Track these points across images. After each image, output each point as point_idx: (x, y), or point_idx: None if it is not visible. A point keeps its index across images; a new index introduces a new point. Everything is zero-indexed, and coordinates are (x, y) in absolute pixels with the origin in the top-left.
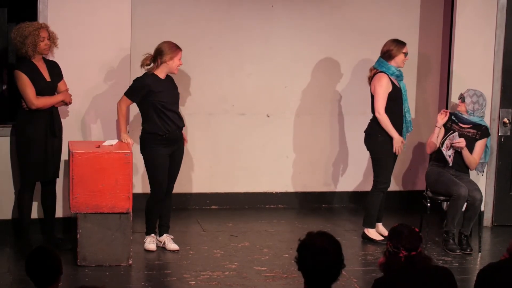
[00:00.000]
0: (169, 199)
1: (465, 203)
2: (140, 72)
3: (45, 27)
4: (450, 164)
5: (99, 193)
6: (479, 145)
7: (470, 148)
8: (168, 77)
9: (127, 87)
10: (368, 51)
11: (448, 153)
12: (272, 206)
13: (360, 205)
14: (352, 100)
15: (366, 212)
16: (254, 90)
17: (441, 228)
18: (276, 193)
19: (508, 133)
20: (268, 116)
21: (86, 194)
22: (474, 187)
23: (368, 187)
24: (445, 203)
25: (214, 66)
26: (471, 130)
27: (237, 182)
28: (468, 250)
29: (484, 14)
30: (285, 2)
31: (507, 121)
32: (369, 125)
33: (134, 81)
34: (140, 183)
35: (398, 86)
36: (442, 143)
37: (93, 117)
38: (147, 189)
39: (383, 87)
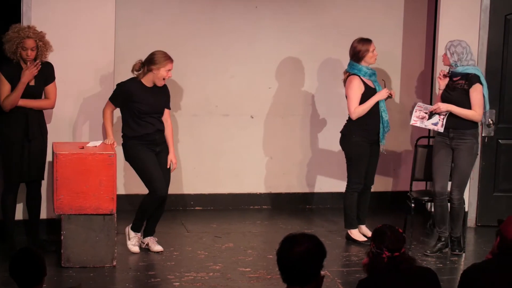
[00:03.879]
0: (160, 205)
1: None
2: (124, 73)
3: (34, 37)
4: (442, 131)
5: (83, 194)
6: (473, 95)
7: (464, 101)
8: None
9: (111, 88)
10: None
11: (432, 122)
12: (256, 207)
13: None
14: (336, 101)
15: (344, 214)
16: (238, 91)
17: (425, 229)
18: (260, 194)
19: (492, 134)
20: (252, 117)
21: (70, 196)
22: (457, 183)
23: None
24: (429, 203)
25: (198, 67)
26: (460, 81)
27: (221, 183)
28: (457, 251)
29: (468, 15)
30: (269, 3)
31: (491, 122)
32: (345, 125)
33: (117, 85)
34: (123, 185)
35: (373, 86)
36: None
37: (77, 118)
38: (131, 191)
39: (354, 89)
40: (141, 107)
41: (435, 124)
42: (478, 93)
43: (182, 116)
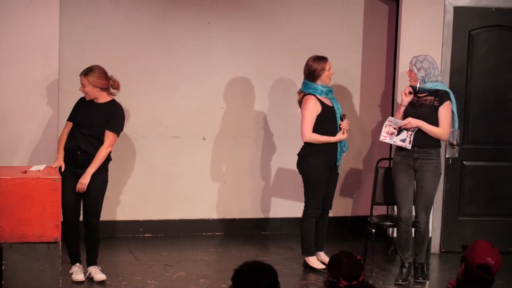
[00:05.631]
0: (90, 234)
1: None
2: (69, 92)
3: None
4: (409, 147)
5: (26, 221)
6: (442, 112)
7: (433, 118)
8: (106, 102)
9: (55, 107)
10: None
11: (400, 138)
12: (208, 233)
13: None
14: (293, 121)
15: (301, 240)
16: (189, 112)
17: (387, 255)
18: (213, 220)
19: (456, 155)
20: (204, 139)
21: (12, 223)
22: (423, 206)
23: None
24: (391, 229)
25: (147, 86)
26: (428, 98)
27: (171, 209)
28: (420, 279)
29: (430, 30)
30: (222, 19)
31: (455, 143)
32: (302, 148)
33: None
34: None
35: (330, 105)
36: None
37: (18, 140)
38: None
39: (309, 109)
40: (76, 117)
41: (403, 141)
42: (448, 111)
43: (131, 138)
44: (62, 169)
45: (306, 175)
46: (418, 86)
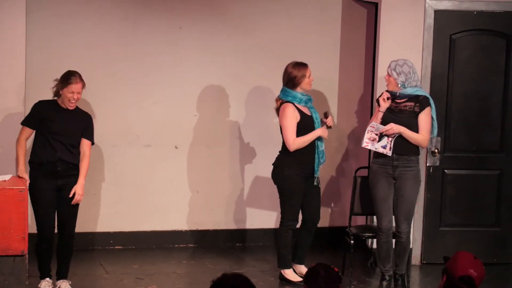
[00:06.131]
0: (66, 245)
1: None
2: (36, 98)
3: None
4: (390, 154)
5: None
6: (423, 118)
7: (413, 125)
8: (78, 109)
9: (22, 114)
10: None
11: (381, 144)
12: (181, 245)
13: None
14: (269, 130)
15: (277, 253)
16: (161, 120)
17: (366, 267)
18: (186, 231)
19: (437, 163)
20: (177, 148)
21: None
22: (405, 215)
23: None
24: (369, 240)
25: (117, 93)
26: (408, 104)
27: (143, 220)
28: None
29: (410, 34)
30: (194, 23)
31: (436, 151)
32: (277, 157)
33: (33, 105)
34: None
35: (309, 113)
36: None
37: None
38: None
39: (289, 118)
40: (51, 125)
41: (384, 147)
42: (428, 117)
43: (100, 147)
44: (27, 183)
45: (281, 185)
46: (398, 92)
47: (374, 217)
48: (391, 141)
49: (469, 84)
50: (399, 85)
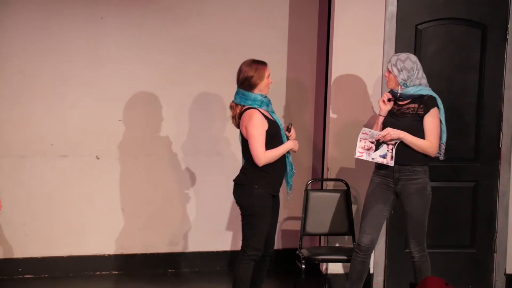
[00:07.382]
0: None
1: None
2: None
3: None
4: (392, 164)
5: None
6: (429, 121)
7: (417, 129)
8: None
9: None
10: (227, 73)
11: (380, 154)
12: (104, 272)
13: (216, 269)
14: (206, 137)
15: (233, 286)
16: (79, 126)
17: None
18: (109, 256)
19: None
20: (98, 158)
21: None
22: (413, 234)
23: (227, 246)
24: (324, 264)
25: (26, 95)
26: (411, 105)
27: (58, 243)
28: None
29: (369, 25)
30: (118, 13)
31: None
32: (242, 172)
33: None
34: None
35: (272, 118)
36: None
37: None
38: None
39: (258, 126)
40: None
41: (384, 157)
42: (435, 119)
43: (7, 157)
44: None
45: (250, 207)
46: (399, 91)
47: (328, 237)
48: (392, 149)
49: (438, 83)
50: (400, 84)
